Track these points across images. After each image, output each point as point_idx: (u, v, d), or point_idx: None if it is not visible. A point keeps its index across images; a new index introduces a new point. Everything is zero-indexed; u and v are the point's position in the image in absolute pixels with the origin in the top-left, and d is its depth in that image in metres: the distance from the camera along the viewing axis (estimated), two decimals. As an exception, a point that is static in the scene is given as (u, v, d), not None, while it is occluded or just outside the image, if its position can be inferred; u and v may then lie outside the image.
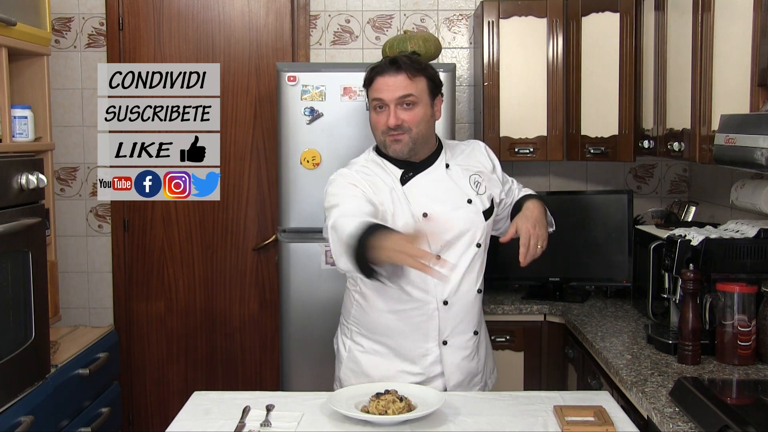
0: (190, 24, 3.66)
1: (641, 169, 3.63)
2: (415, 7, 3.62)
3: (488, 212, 2.22)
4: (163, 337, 3.76)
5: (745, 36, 2.09)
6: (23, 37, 2.71)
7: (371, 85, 2.15)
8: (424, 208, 2.14)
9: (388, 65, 2.11)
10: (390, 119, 2.09)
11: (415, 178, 2.17)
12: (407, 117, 2.10)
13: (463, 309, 2.19)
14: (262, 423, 1.85)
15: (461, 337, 2.20)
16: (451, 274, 2.10)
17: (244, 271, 3.73)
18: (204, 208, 3.70)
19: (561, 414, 1.84)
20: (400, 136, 2.11)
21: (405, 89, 2.09)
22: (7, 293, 2.37)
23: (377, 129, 2.14)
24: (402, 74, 2.10)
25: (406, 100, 2.10)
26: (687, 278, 2.22)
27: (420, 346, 2.18)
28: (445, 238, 2.14)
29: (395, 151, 2.13)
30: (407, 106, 2.10)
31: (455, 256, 2.15)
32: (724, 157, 2.02)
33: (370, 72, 2.16)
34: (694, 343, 2.21)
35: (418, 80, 2.12)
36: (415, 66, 2.12)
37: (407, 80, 2.10)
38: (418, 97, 2.11)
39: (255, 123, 3.68)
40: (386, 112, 2.10)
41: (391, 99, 2.09)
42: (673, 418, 1.81)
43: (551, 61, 3.26)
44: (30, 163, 2.52)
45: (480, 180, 2.23)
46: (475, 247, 2.18)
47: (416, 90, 2.11)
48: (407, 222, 2.11)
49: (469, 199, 2.19)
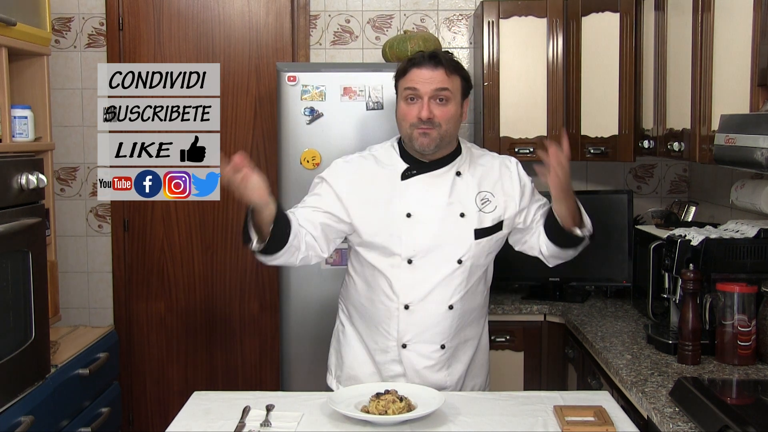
0: (190, 24, 3.66)
1: (641, 169, 3.63)
2: (415, 7, 3.62)
3: (485, 231, 2.15)
4: (163, 337, 3.76)
5: (745, 36, 2.09)
6: (23, 37, 2.71)
7: (405, 75, 2.10)
8: (410, 208, 2.12)
9: (427, 58, 2.08)
10: (423, 111, 2.05)
11: (416, 177, 2.15)
12: (439, 112, 2.07)
13: (428, 319, 2.14)
14: (262, 423, 1.85)
15: (425, 346, 2.16)
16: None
17: (244, 271, 3.73)
18: (204, 208, 3.70)
19: (561, 414, 1.84)
20: (429, 130, 2.07)
21: (442, 83, 2.06)
22: (7, 293, 2.37)
23: (406, 120, 2.10)
24: (441, 69, 2.07)
25: (441, 95, 2.07)
26: (687, 278, 2.22)
27: (382, 340, 2.19)
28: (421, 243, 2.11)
29: (422, 144, 2.09)
30: (440, 102, 2.07)
31: (430, 266, 2.12)
32: (724, 157, 2.01)
33: (407, 63, 2.11)
34: (694, 343, 2.21)
35: (454, 78, 2.09)
36: (454, 64, 2.11)
37: (445, 76, 2.07)
38: (453, 93, 2.09)
39: (255, 123, 3.68)
40: (418, 104, 2.07)
41: (427, 91, 2.06)
42: (673, 418, 1.81)
43: (551, 61, 3.26)
44: (30, 163, 2.52)
45: (490, 198, 2.17)
46: (456, 263, 2.13)
47: (452, 86, 2.09)
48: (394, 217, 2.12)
49: (462, 213, 2.14)
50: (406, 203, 2.13)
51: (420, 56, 2.10)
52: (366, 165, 2.20)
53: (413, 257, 2.12)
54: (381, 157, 2.20)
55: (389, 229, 2.12)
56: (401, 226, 2.11)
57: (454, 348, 2.20)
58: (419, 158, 2.16)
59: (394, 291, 2.14)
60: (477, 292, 2.22)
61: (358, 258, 2.21)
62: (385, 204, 2.13)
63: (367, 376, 2.23)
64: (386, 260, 2.14)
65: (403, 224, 2.11)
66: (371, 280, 2.18)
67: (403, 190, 2.14)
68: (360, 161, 2.21)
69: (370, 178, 2.17)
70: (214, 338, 3.75)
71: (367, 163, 2.20)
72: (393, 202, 2.13)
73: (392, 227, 2.12)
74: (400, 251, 2.12)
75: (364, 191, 2.15)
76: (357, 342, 2.26)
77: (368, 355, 2.24)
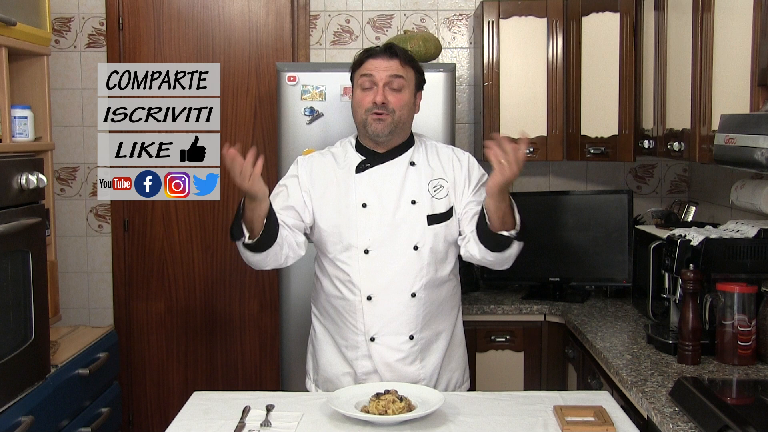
0: (190, 24, 3.66)
1: (641, 169, 3.63)
2: (415, 7, 3.62)
3: (438, 217, 2.19)
4: (163, 337, 3.76)
5: (745, 36, 2.09)
6: (23, 37, 2.71)
7: (361, 65, 2.20)
8: (365, 198, 2.19)
9: (382, 49, 2.19)
10: (378, 96, 2.14)
11: (371, 170, 2.22)
12: (393, 99, 2.16)
13: (392, 309, 2.17)
14: (262, 423, 1.85)
15: (393, 338, 2.18)
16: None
17: (244, 271, 3.73)
18: (204, 208, 3.70)
19: (561, 414, 1.85)
20: (383, 116, 2.15)
21: (396, 71, 2.16)
22: (7, 293, 2.37)
23: (361, 107, 2.18)
24: (395, 60, 2.17)
25: (396, 83, 2.16)
26: (687, 278, 2.22)
27: (351, 336, 2.21)
28: (375, 232, 2.16)
29: (375, 129, 2.16)
30: (395, 90, 2.16)
31: (387, 255, 2.16)
32: (724, 157, 2.02)
33: (363, 54, 2.21)
34: (694, 343, 2.21)
35: (407, 69, 2.19)
36: (408, 56, 2.21)
37: (399, 65, 2.17)
38: (407, 82, 2.18)
39: (255, 123, 3.68)
40: (373, 90, 2.16)
41: (382, 77, 2.15)
42: (673, 418, 1.81)
43: (551, 61, 3.26)
44: (30, 163, 2.52)
45: (443, 185, 2.22)
46: (412, 249, 2.16)
47: (406, 75, 2.18)
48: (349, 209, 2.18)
49: (413, 200, 2.19)
50: (361, 194, 2.19)
51: (375, 48, 2.21)
52: (324, 161, 2.28)
53: (369, 247, 2.16)
54: (337, 153, 2.29)
55: (346, 220, 2.18)
56: (356, 217, 2.17)
57: (425, 340, 2.22)
58: (373, 149, 2.23)
59: (355, 284, 2.17)
60: (443, 284, 2.23)
61: (319, 258, 2.29)
62: (342, 197, 2.20)
63: (341, 375, 2.25)
64: (345, 253, 2.18)
65: (358, 215, 2.18)
66: (333, 276, 2.22)
67: (358, 182, 2.21)
68: (319, 158, 2.30)
69: (328, 173, 2.25)
70: (214, 338, 3.75)
71: (325, 159, 2.29)
72: (348, 194, 2.20)
73: (348, 218, 2.18)
74: (357, 242, 2.17)
75: (322, 185, 2.23)
76: (328, 343, 2.29)
77: (340, 354, 2.26)
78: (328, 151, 2.32)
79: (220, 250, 3.72)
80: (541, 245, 3.23)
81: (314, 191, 2.22)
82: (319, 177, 2.24)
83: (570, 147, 3.29)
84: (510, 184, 2.00)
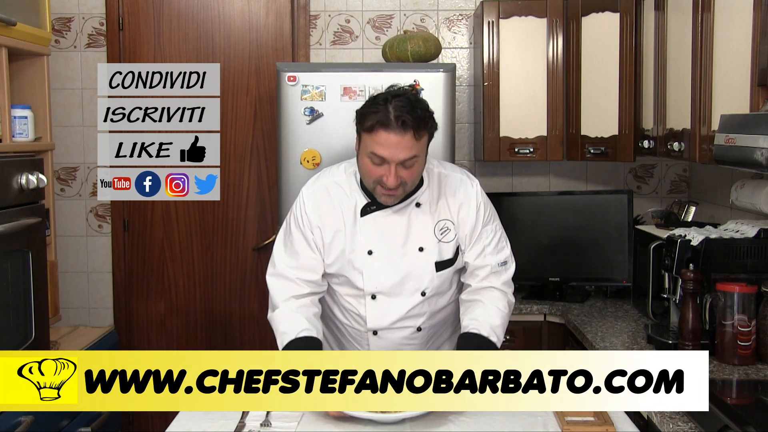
0: (190, 24, 3.66)
1: (641, 169, 3.63)
2: (415, 7, 3.62)
3: (446, 263, 2.14)
4: (163, 337, 3.76)
5: (745, 36, 2.09)
6: (23, 37, 2.71)
7: (371, 134, 1.96)
8: (371, 245, 2.11)
9: (395, 122, 1.93)
10: (390, 179, 1.97)
11: (376, 213, 2.12)
12: (406, 175, 2.00)
13: (397, 341, 2.19)
14: (262, 423, 1.85)
15: None
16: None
17: (244, 271, 3.73)
18: (204, 208, 3.70)
19: (561, 414, 1.84)
20: (395, 192, 2.02)
21: (410, 150, 1.95)
22: (7, 293, 2.37)
23: (370, 177, 2.02)
24: (409, 134, 1.94)
25: (408, 162, 1.98)
26: (687, 278, 2.22)
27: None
28: (383, 280, 2.12)
29: (386, 202, 2.07)
30: (407, 166, 1.99)
31: (395, 300, 2.14)
32: (724, 157, 2.02)
33: (375, 119, 1.95)
34: (694, 343, 2.21)
35: (422, 136, 1.98)
36: (422, 124, 1.97)
37: (413, 140, 1.95)
38: (420, 156, 2.00)
39: (255, 123, 3.68)
40: (384, 167, 1.97)
41: (394, 160, 1.95)
42: (673, 418, 1.81)
43: (551, 61, 3.26)
44: (30, 163, 2.52)
45: (449, 227, 2.14)
46: (420, 295, 2.14)
47: (419, 149, 1.99)
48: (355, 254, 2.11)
49: (420, 247, 2.12)
50: (367, 240, 2.12)
51: (388, 117, 1.93)
52: (331, 200, 2.15)
53: (377, 293, 2.14)
54: (343, 185, 2.15)
55: (352, 263, 2.13)
56: (363, 262, 2.11)
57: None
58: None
59: (362, 317, 2.18)
60: (446, 309, 2.24)
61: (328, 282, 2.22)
62: (348, 241, 2.13)
63: None
64: (351, 291, 2.17)
65: (365, 261, 2.11)
66: (340, 305, 2.21)
67: (363, 225, 2.12)
68: (325, 195, 2.16)
69: (336, 214, 2.14)
70: (214, 338, 3.75)
71: (332, 196, 2.15)
72: (355, 237, 2.12)
73: (355, 263, 2.12)
74: (364, 287, 2.14)
75: (331, 229, 2.13)
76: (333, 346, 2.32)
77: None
78: (334, 183, 2.16)
79: (220, 250, 3.72)
80: (541, 245, 3.24)
81: (324, 233, 2.13)
82: (327, 218, 2.13)
83: (570, 147, 3.29)
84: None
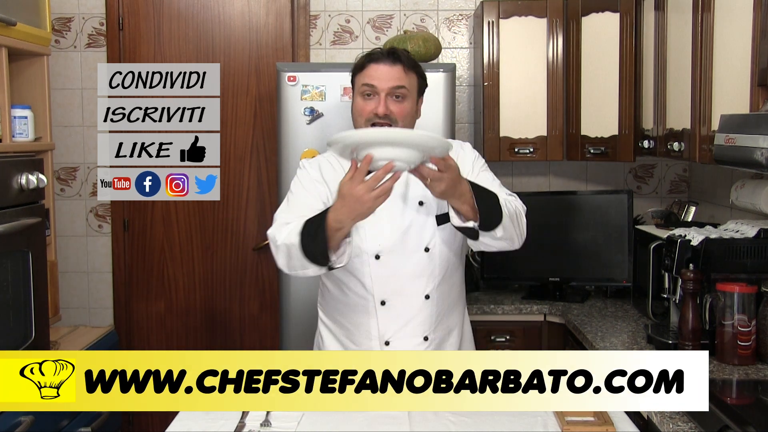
0: (190, 24, 3.66)
1: (641, 169, 3.63)
2: (415, 7, 3.62)
3: (447, 216, 2.07)
4: (163, 337, 3.76)
5: (745, 36, 2.09)
6: (23, 37, 2.71)
7: (362, 71, 2.11)
8: None
9: (385, 54, 2.09)
10: (380, 107, 2.06)
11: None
12: (396, 109, 2.08)
13: (406, 312, 2.14)
14: (262, 423, 1.85)
15: (408, 340, 2.15)
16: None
17: (244, 271, 3.73)
18: (204, 208, 3.70)
19: (561, 414, 1.84)
20: (385, 126, 2.06)
21: (399, 80, 2.08)
22: (7, 293, 2.37)
23: (361, 116, 2.10)
24: (399, 66, 2.08)
25: (398, 92, 2.08)
26: (687, 278, 2.22)
27: (364, 342, 2.17)
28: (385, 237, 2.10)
29: None
30: (397, 99, 2.08)
31: (398, 259, 2.12)
32: (724, 157, 2.02)
33: (365, 58, 2.12)
34: (694, 343, 2.21)
35: (411, 75, 2.11)
36: (411, 62, 2.13)
37: (402, 72, 2.09)
38: (409, 91, 2.10)
39: (255, 123, 3.68)
40: (375, 99, 2.08)
41: (384, 88, 2.07)
42: (673, 418, 1.81)
43: (551, 61, 3.26)
44: (30, 163, 2.52)
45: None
46: (423, 251, 2.12)
47: (409, 84, 2.10)
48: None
49: (420, 201, 2.13)
50: None
51: (378, 52, 2.12)
52: (330, 165, 2.19)
53: (380, 252, 2.11)
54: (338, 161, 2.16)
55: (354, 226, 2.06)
56: (364, 222, 2.05)
57: (438, 340, 2.19)
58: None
59: (367, 289, 2.14)
60: (453, 281, 2.21)
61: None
62: None
63: None
64: (354, 259, 2.12)
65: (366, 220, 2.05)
66: (343, 282, 2.18)
67: None
68: (324, 161, 2.20)
69: (338, 171, 2.15)
70: (214, 338, 3.75)
71: (331, 162, 2.19)
72: None
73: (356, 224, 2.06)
74: (367, 248, 2.11)
75: (334, 182, 2.10)
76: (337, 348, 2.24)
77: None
78: (331, 155, 2.21)
79: (220, 250, 3.72)
80: (541, 245, 3.23)
81: (330, 187, 2.13)
82: (329, 179, 2.16)
83: (570, 147, 3.29)
84: (450, 191, 1.88)
